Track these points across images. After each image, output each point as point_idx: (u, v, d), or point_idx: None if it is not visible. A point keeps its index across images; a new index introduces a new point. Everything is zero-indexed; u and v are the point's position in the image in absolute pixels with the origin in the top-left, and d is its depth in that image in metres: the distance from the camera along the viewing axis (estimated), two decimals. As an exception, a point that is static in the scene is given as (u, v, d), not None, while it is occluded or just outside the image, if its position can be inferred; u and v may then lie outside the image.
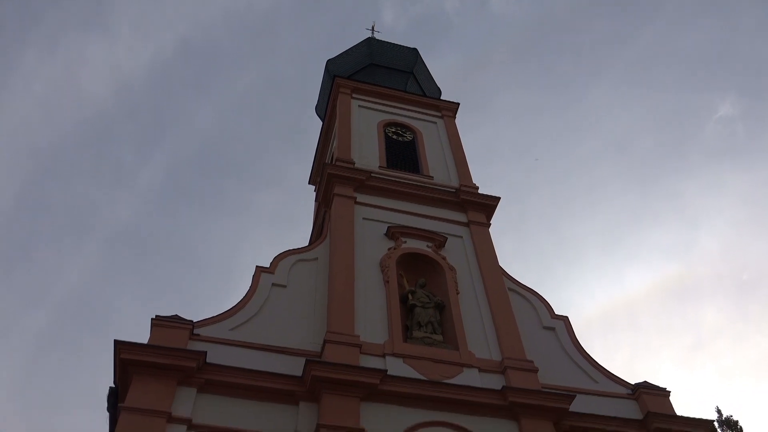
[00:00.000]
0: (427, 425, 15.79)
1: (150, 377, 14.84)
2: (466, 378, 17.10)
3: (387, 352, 17.17)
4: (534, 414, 16.49)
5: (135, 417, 14.07)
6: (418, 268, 20.61)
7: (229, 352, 16.18)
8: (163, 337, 15.76)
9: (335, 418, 15.01)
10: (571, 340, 19.97)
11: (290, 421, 15.21)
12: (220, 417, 14.83)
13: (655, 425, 17.18)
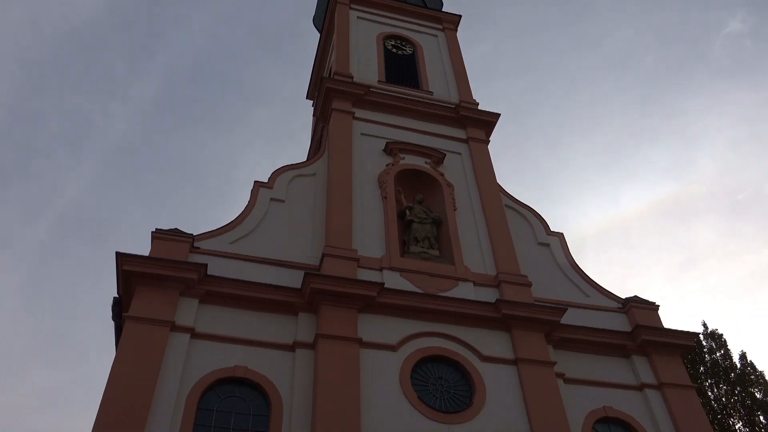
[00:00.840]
0: (423, 336, 16.35)
1: (152, 288, 15.19)
2: (461, 291, 17.55)
3: (384, 266, 17.52)
4: (526, 326, 17.05)
5: (139, 326, 14.51)
6: (416, 184, 20.68)
7: (229, 265, 16.50)
8: (164, 250, 16.01)
9: (333, 328, 15.50)
10: (565, 256, 20.34)
11: (290, 331, 15.71)
12: (221, 326, 15.31)
13: (643, 337, 17.78)
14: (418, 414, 14.72)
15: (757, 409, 22.66)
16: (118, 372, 13.65)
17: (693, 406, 16.99)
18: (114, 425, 12.74)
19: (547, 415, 15.34)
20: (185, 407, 13.71)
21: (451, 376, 15.98)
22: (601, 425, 16.34)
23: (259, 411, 14.35)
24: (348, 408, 14.11)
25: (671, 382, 17.25)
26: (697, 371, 24.55)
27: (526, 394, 15.71)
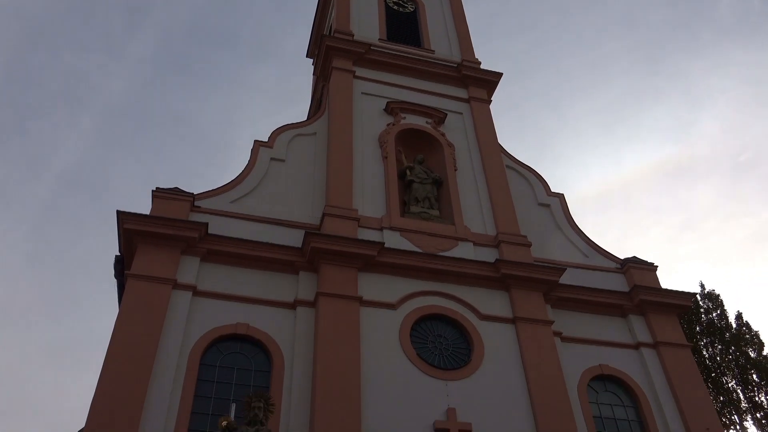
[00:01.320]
0: (422, 295, 16.53)
1: (154, 247, 15.29)
2: (460, 251, 17.65)
3: (384, 225, 17.59)
4: (525, 285, 17.21)
5: (141, 284, 14.65)
6: (417, 144, 20.59)
7: (229, 224, 16.56)
8: (165, 209, 16.05)
9: (334, 286, 15.66)
10: (565, 217, 20.39)
11: (291, 289, 15.87)
12: (223, 285, 15.46)
13: (640, 297, 17.96)
14: (417, 370, 14.98)
15: (750, 368, 23.05)
16: (122, 328, 13.85)
17: (687, 365, 17.27)
18: (118, 380, 12.99)
19: (544, 373, 15.62)
20: (188, 363, 13.95)
21: (449, 334, 16.21)
22: (597, 383, 16.64)
23: (260, 367, 14.61)
24: (348, 365, 14.36)
25: (667, 341, 17.49)
26: (693, 331, 24.87)
27: (523, 352, 15.96)
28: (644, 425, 16.06)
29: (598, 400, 16.34)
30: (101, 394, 12.79)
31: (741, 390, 23.21)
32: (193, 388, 13.69)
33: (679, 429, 15.88)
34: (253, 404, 8.03)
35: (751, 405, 22.67)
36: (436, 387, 14.82)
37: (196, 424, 13.34)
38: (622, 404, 16.46)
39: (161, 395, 13.19)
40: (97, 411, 12.58)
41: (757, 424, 22.02)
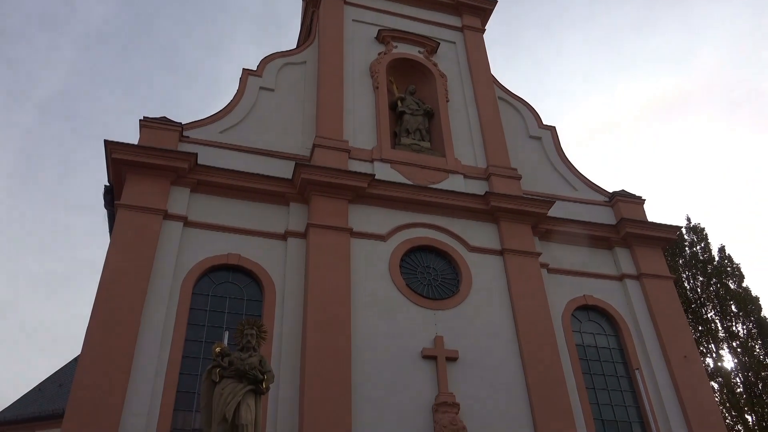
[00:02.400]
0: (412, 226, 16.67)
1: (143, 177, 15.19)
2: (451, 183, 17.69)
3: (375, 157, 17.52)
4: (513, 218, 17.38)
5: (132, 214, 14.65)
6: (409, 74, 20.24)
7: (219, 155, 16.43)
8: (153, 139, 15.85)
9: (324, 218, 15.74)
10: (555, 150, 20.37)
11: (281, 220, 15.94)
12: (214, 215, 15.49)
13: (627, 230, 18.22)
14: (406, 300, 15.30)
15: (729, 299, 23.74)
16: (114, 258, 13.94)
17: (669, 296, 17.75)
18: (112, 309, 13.19)
19: (530, 303, 16.01)
20: (181, 292, 14.15)
21: (438, 265, 16.48)
22: (581, 312, 17.11)
23: (252, 296, 14.86)
24: (338, 295, 14.63)
25: (650, 273, 17.89)
26: (677, 263, 25.40)
27: (510, 282, 16.30)
28: (624, 353, 16.64)
29: (581, 329, 16.84)
30: (96, 323, 13.01)
31: (719, 320, 23.96)
32: (186, 316, 13.95)
33: (658, 356, 16.48)
34: (245, 331, 8.21)
35: (727, 334, 23.46)
36: (424, 316, 15.19)
37: (190, 351, 13.67)
38: (604, 333, 17.00)
39: (155, 323, 13.44)
40: (92, 338, 12.83)
41: (732, 352, 22.89)
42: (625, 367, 16.44)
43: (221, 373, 7.64)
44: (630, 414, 15.68)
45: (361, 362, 14.00)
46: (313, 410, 12.91)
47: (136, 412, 12.33)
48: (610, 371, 16.32)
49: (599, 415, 15.37)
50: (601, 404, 15.60)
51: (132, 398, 12.41)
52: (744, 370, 22.19)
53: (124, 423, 12.10)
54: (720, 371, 22.56)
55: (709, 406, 15.86)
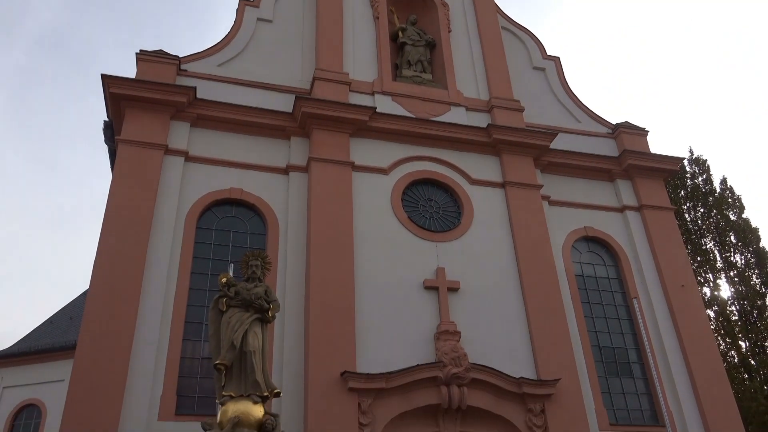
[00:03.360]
0: (414, 160, 16.65)
1: (142, 111, 15.07)
2: (453, 116, 17.54)
3: (376, 89, 17.30)
4: (516, 150, 17.31)
5: (133, 149, 14.62)
6: (410, 3, 19.71)
7: (218, 89, 16.22)
8: (151, 72, 15.63)
9: (326, 152, 15.70)
10: (559, 81, 20.07)
11: (283, 154, 15.91)
12: (215, 150, 15.45)
13: (629, 161, 18.18)
14: (408, 233, 15.46)
15: (729, 230, 23.92)
16: (117, 193, 14.02)
17: (669, 227, 17.89)
18: (118, 244, 13.37)
19: (531, 235, 16.17)
20: (185, 226, 14.31)
21: (440, 198, 16.55)
22: (581, 244, 17.30)
23: (256, 230, 15.03)
24: (341, 228, 14.77)
25: (651, 205, 17.98)
26: (678, 195, 25.44)
27: (511, 215, 16.41)
28: (623, 283, 16.93)
29: (581, 259, 17.07)
30: (103, 257, 13.22)
31: (718, 251, 24.22)
32: (191, 250, 14.15)
33: (656, 286, 16.77)
34: (250, 262, 8.35)
35: (726, 264, 23.76)
36: (426, 248, 15.38)
37: (196, 283, 13.95)
38: (603, 264, 17.25)
39: (161, 256, 13.65)
40: (100, 272, 13.07)
41: (729, 282, 23.26)
42: (623, 297, 16.77)
43: (228, 303, 7.84)
44: (627, 341, 16.12)
45: (364, 294, 14.28)
46: (317, 340, 13.28)
47: (147, 341, 12.70)
48: (608, 300, 16.66)
49: (596, 342, 15.80)
50: (599, 332, 16.01)
51: (141, 329, 12.76)
52: (740, 299, 22.62)
53: (136, 352, 12.48)
54: (716, 300, 23.00)
55: (703, 332, 16.26)
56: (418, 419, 13.35)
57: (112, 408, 11.79)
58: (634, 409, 15.19)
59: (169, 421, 12.22)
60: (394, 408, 13.13)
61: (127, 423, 11.85)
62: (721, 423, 14.90)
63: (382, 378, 13.05)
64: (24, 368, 22.33)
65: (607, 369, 15.54)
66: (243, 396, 7.35)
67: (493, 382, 13.68)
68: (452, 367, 13.42)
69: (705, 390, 15.24)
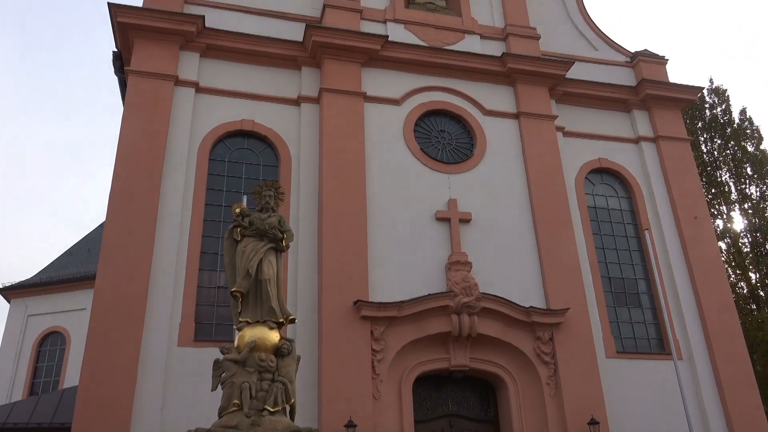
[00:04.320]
0: (427, 90, 16.39)
1: (151, 41, 14.84)
2: (467, 44, 17.13)
3: (388, 17, 16.86)
4: (531, 80, 16.97)
5: (143, 80, 14.49)
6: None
7: (226, 17, 15.88)
8: (158, 1, 15.27)
9: (337, 82, 15.48)
10: (577, 7, 19.41)
11: (294, 85, 15.72)
12: (225, 81, 15.28)
13: (647, 91, 17.78)
14: (420, 164, 15.42)
15: (745, 162, 23.57)
16: (129, 126, 14.01)
17: (684, 158, 17.68)
18: (132, 176, 13.47)
19: (544, 166, 16.06)
20: (198, 158, 14.35)
21: (453, 129, 16.39)
22: (594, 175, 17.19)
23: (268, 162, 15.05)
24: (353, 159, 14.75)
25: (668, 135, 17.71)
26: (695, 126, 24.96)
27: (525, 146, 16.27)
28: (636, 214, 16.91)
29: (594, 191, 17.01)
30: (117, 190, 13.36)
31: (733, 183, 23.97)
32: (204, 182, 14.25)
33: (669, 218, 16.75)
34: (263, 193, 8.37)
35: (740, 197, 23.56)
36: (438, 180, 15.36)
37: (210, 215, 14.12)
38: (616, 195, 17.18)
39: (175, 188, 13.76)
40: (116, 204, 13.23)
41: (743, 214, 23.12)
42: (635, 229, 16.79)
43: (242, 233, 7.93)
44: (637, 272, 16.25)
45: (377, 225, 14.41)
46: (330, 269, 13.51)
47: (164, 272, 12.99)
48: (620, 232, 16.69)
49: (607, 273, 15.94)
50: (609, 263, 16.13)
51: (158, 259, 13.02)
52: (753, 231, 22.55)
53: (154, 282, 12.79)
54: (729, 232, 22.94)
55: (714, 263, 16.33)
56: (429, 346, 13.71)
57: (133, 335, 12.20)
58: (641, 338, 15.49)
59: (188, 347, 12.65)
60: (405, 335, 13.47)
61: (149, 349, 12.29)
62: (727, 351, 15.18)
63: (394, 307, 13.33)
64: (46, 297, 23.04)
65: (616, 299, 15.75)
66: (259, 322, 7.56)
67: (503, 311, 13.94)
68: (463, 296, 13.66)
69: (712, 320, 15.45)
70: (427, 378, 13.90)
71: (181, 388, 12.15)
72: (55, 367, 22.25)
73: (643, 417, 14.18)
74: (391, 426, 12.80)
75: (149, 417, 11.81)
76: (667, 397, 14.37)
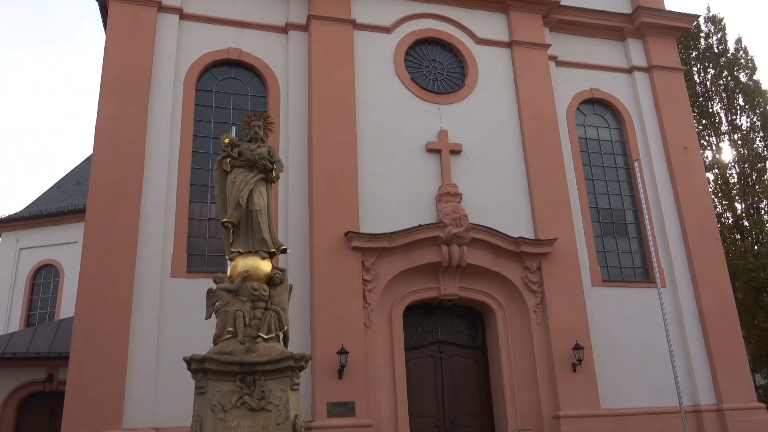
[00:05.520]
0: (418, 17, 15.98)
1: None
2: (459, -31, 16.58)
3: (378, -60, 16.21)
4: (524, 7, 16.56)
5: (124, 6, 13.98)
6: None
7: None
8: None
9: (326, 9, 15.04)
10: (574, -71, 18.68)
11: (281, 12, 15.25)
12: (211, 8, 14.79)
13: (642, 19, 17.42)
14: (411, 94, 15.22)
15: (738, 92, 23.38)
16: (112, 54, 13.64)
17: (677, 89, 17.53)
18: (118, 107, 13.21)
19: (536, 96, 15.91)
20: (184, 88, 14.07)
21: (444, 58, 16.09)
22: (586, 106, 17.06)
23: (256, 92, 14.79)
24: (343, 89, 14.52)
25: (661, 65, 17.49)
26: (689, 56, 24.60)
27: (517, 76, 16.05)
28: (626, 145, 16.91)
29: (585, 122, 16.92)
30: (103, 122, 13.14)
31: (724, 114, 23.85)
32: (192, 112, 14.03)
33: (659, 148, 16.76)
34: (252, 122, 8.25)
35: (731, 128, 23.50)
36: (429, 110, 15.20)
37: (199, 146, 13.98)
38: (607, 126, 17.11)
39: (162, 118, 13.55)
40: (102, 138, 13.05)
41: (732, 145, 23.14)
42: (624, 159, 16.82)
43: (232, 163, 7.86)
44: (625, 202, 16.40)
45: (367, 156, 14.34)
46: (321, 201, 13.54)
47: (154, 204, 12.97)
48: (609, 163, 16.72)
49: (595, 203, 16.08)
50: (598, 194, 16.24)
51: (148, 191, 12.98)
52: (741, 162, 22.63)
53: (144, 214, 12.79)
54: (717, 163, 23.01)
55: (701, 194, 16.49)
56: (419, 276, 13.95)
57: (126, 267, 12.30)
58: (627, 267, 15.80)
59: (181, 278, 12.80)
60: (396, 266, 13.67)
61: (142, 281, 12.42)
62: (710, 280, 15.55)
63: (384, 237, 13.46)
64: (37, 230, 22.99)
65: (604, 229, 15.96)
66: (251, 252, 7.61)
67: (492, 241, 14.12)
68: (453, 227, 13.78)
69: (697, 249, 15.74)
70: (417, 307, 14.21)
71: (176, 318, 12.37)
72: (50, 299, 22.47)
73: (627, 342, 14.66)
74: (383, 353, 13.19)
75: (145, 346, 12.07)
76: (650, 323, 14.81)
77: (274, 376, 7.03)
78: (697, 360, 14.90)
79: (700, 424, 14.32)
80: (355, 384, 12.48)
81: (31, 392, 16.27)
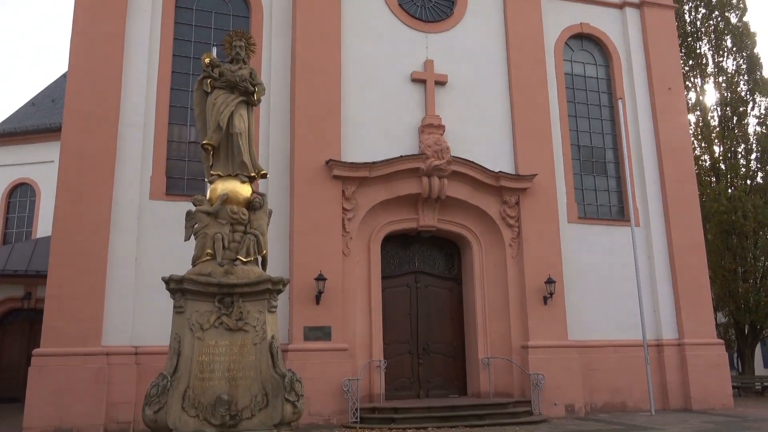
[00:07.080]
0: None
1: None
2: None
3: None
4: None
5: None
6: None
7: None
8: None
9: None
10: None
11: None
12: None
13: (637, -47, 16.99)
14: (398, 21, 14.87)
15: (727, 33, 23.14)
16: (87, -36, 13.03)
17: (667, 27, 17.33)
18: (93, 23, 12.76)
19: (524, 30, 15.63)
20: (163, 4, 13.59)
21: (433, -15, 15.64)
22: (574, 41, 16.83)
23: (239, 12, 14.34)
24: (327, 12, 14.16)
25: (652, 2, 17.20)
26: (682, -5, 24.16)
27: (507, 7, 15.72)
28: (611, 83, 16.81)
29: (572, 58, 16.74)
30: (78, 37, 12.75)
31: (711, 55, 23.67)
32: (171, 31, 13.61)
33: (644, 87, 16.71)
34: (234, 43, 8.00)
35: (717, 69, 23.40)
36: (415, 39, 14.90)
37: (179, 67, 13.62)
38: (594, 63, 16.95)
39: (140, 35, 13.17)
40: (77, 54, 12.68)
41: (717, 87, 23.09)
42: (609, 98, 16.77)
43: (212, 84, 7.68)
44: (606, 141, 16.47)
45: (351, 83, 14.12)
46: (303, 128, 13.41)
47: (133, 124, 12.74)
48: (594, 101, 16.67)
49: (577, 141, 16.12)
50: (580, 131, 16.27)
51: (126, 111, 12.74)
52: (724, 105, 22.67)
53: (122, 134, 12.59)
54: (700, 105, 23.02)
55: (681, 136, 16.61)
56: (399, 207, 14.05)
57: (103, 188, 12.20)
58: (603, 205, 16.03)
59: (159, 200, 12.74)
60: (376, 196, 13.73)
61: (120, 202, 12.36)
62: (682, 219, 15.87)
63: (365, 167, 13.45)
64: (11, 148, 22.49)
65: (583, 167, 16.08)
66: (231, 176, 7.55)
67: (473, 174, 14.19)
68: (434, 159, 13.79)
69: (672, 190, 15.98)
70: (396, 237, 14.39)
71: (155, 240, 12.41)
72: (26, 218, 22.27)
73: (597, 278, 15.07)
74: (360, 280, 13.43)
75: (124, 266, 12.15)
76: (621, 261, 15.19)
77: (252, 298, 7.14)
78: (664, 297, 15.40)
79: (661, 357, 14.95)
80: (332, 310, 12.76)
81: (10, 308, 16.42)
